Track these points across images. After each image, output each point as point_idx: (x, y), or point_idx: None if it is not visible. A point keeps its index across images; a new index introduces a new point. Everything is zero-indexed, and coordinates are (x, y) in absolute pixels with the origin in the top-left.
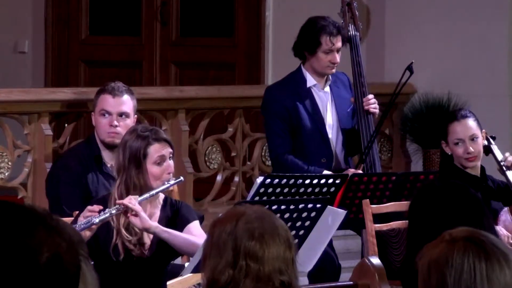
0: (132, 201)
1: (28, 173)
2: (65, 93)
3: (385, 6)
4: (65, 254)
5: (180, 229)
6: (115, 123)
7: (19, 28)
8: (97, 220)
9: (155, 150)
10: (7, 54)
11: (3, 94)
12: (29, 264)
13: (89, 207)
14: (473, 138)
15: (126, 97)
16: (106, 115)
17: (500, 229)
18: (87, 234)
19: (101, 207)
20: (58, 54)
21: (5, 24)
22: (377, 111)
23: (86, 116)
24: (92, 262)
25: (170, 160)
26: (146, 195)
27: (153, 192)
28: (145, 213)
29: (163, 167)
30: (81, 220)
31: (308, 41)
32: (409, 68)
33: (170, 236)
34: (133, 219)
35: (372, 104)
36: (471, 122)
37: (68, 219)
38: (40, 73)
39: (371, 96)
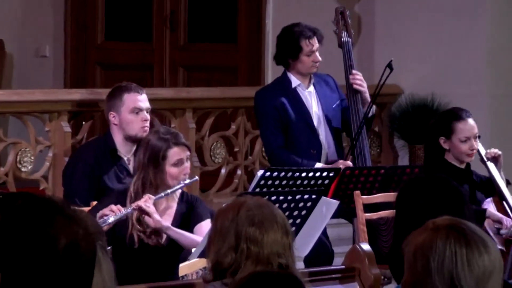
0: (147, 202)
1: (48, 166)
2: (83, 94)
3: (374, 15)
4: (82, 241)
5: (193, 224)
6: (148, 117)
7: (40, 34)
8: (111, 220)
9: (175, 153)
10: (30, 58)
11: (26, 94)
12: (48, 250)
13: (112, 206)
14: (476, 136)
15: (145, 94)
16: (139, 112)
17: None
18: (104, 228)
19: (121, 209)
20: (76, 58)
21: (28, 30)
22: (362, 88)
23: (102, 114)
24: (110, 247)
25: (187, 162)
26: (161, 195)
27: (168, 191)
28: (158, 214)
29: (180, 168)
30: (98, 218)
31: (289, 48)
32: (389, 65)
33: (180, 236)
34: (147, 219)
35: (358, 80)
36: (473, 122)
37: (85, 209)
38: (59, 76)
39: (359, 73)
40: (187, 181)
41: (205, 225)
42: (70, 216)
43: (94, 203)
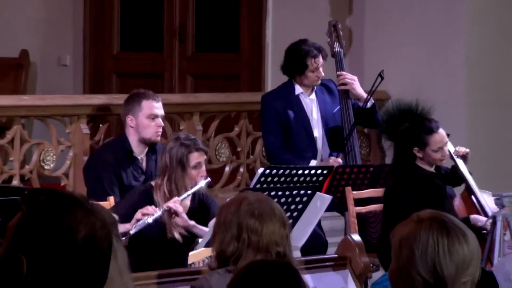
0: (176, 203)
1: (69, 165)
2: (100, 99)
3: (364, 28)
4: (99, 232)
5: (208, 220)
6: (162, 123)
7: (61, 45)
8: (150, 220)
9: (195, 157)
10: (52, 67)
11: (49, 99)
12: (68, 240)
13: (143, 211)
14: (446, 144)
15: (161, 102)
16: (155, 118)
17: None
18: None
19: (155, 210)
20: (94, 67)
21: (50, 41)
22: (351, 84)
23: (117, 118)
24: (124, 238)
25: (204, 165)
26: (184, 195)
27: (190, 191)
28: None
29: (198, 171)
30: (135, 221)
31: (296, 65)
32: (381, 75)
33: (200, 232)
34: (176, 219)
35: (343, 79)
36: (443, 131)
37: (104, 203)
38: (79, 83)
39: (343, 72)
40: (203, 182)
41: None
42: (89, 209)
43: (111, 198)
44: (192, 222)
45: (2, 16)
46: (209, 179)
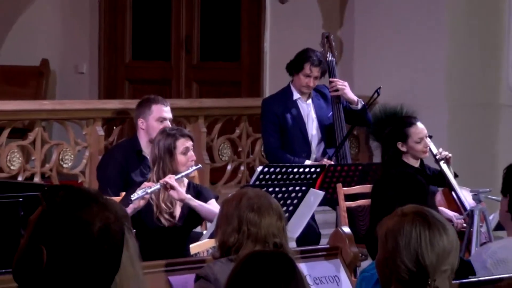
0: (171, 179)
1: (85, 163)
2: (113, 104)
3: (354, 39)
4: (113, 225)
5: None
6: (170, 126)
7: (78, 55)
8: (149, 191)
9: (181, 143)
10: (70, 74)
11: (67, 104)
12: (84, 232)
13: (145, 183)
14: (426, 136)
15: (169, 107)
16: (163, 121)
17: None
18: (141, 203)
19: (152, 184)
20: (108, 74)
21: (68, 52)
22: (342, 89)
23: (129, 120)
24: (134, 231)
25: (192, 151)
26: (180, 175)
27: (184, 173)
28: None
29: (187, 156)
30: (138, 192)
31: (296, 63)
32: (377, 91)
33: (198, 206)
34: (172, 192)
35: (335, 86)
36: (422, 124)
37: (116, 199)
38: (94, 89)
39: (335, 79)
40: (195, 167)
41: (213, 202)
42: (103, 203)
43: (123, 193)
44: (188, 196)
45: (25, 28)
46: (200, 165)
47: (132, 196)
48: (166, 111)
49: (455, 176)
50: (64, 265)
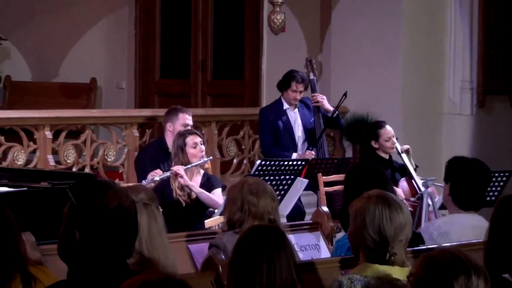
0: (179, 169)
1: (124, 158)
2: (146, 112)
3: (330, 61)
4: (125, 203)
5: (210, 190)
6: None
7: (119, 74)
8: (157, 178)
9: (190, 139)
10: (112, 89)
11: (110, 112)
12: (103, 212)
13: (152, 172)
14: (393, 136)
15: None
16: (186, 126)
17: (398, 190)
18: (152, 185)
19: (161, 172)
20: (142, 89)
21: (111, 71)
22: (322, 102)
23: (157, 125)
24: (162, 209)
25: (202, 145)
26: (188, 166)
27: (192, 164)
28: (187, 177)
29: (197, 149)
30: (149, 177)
31: (284, 82)
32: (345, 94)
33: (199, 192)
34: (179, 179)
35: (317, 98)
36: (390, 127)
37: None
38: (131, 101)
39: (316, 94)
40: (205, 158)
41: (217, 191)
42: (117, 189)
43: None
44: (192, 183)
45: (78, 54)
46: (211, 157)
47: (144, 181)
48: (189, 119)
49: (416, 167)
50: (92, 239)
